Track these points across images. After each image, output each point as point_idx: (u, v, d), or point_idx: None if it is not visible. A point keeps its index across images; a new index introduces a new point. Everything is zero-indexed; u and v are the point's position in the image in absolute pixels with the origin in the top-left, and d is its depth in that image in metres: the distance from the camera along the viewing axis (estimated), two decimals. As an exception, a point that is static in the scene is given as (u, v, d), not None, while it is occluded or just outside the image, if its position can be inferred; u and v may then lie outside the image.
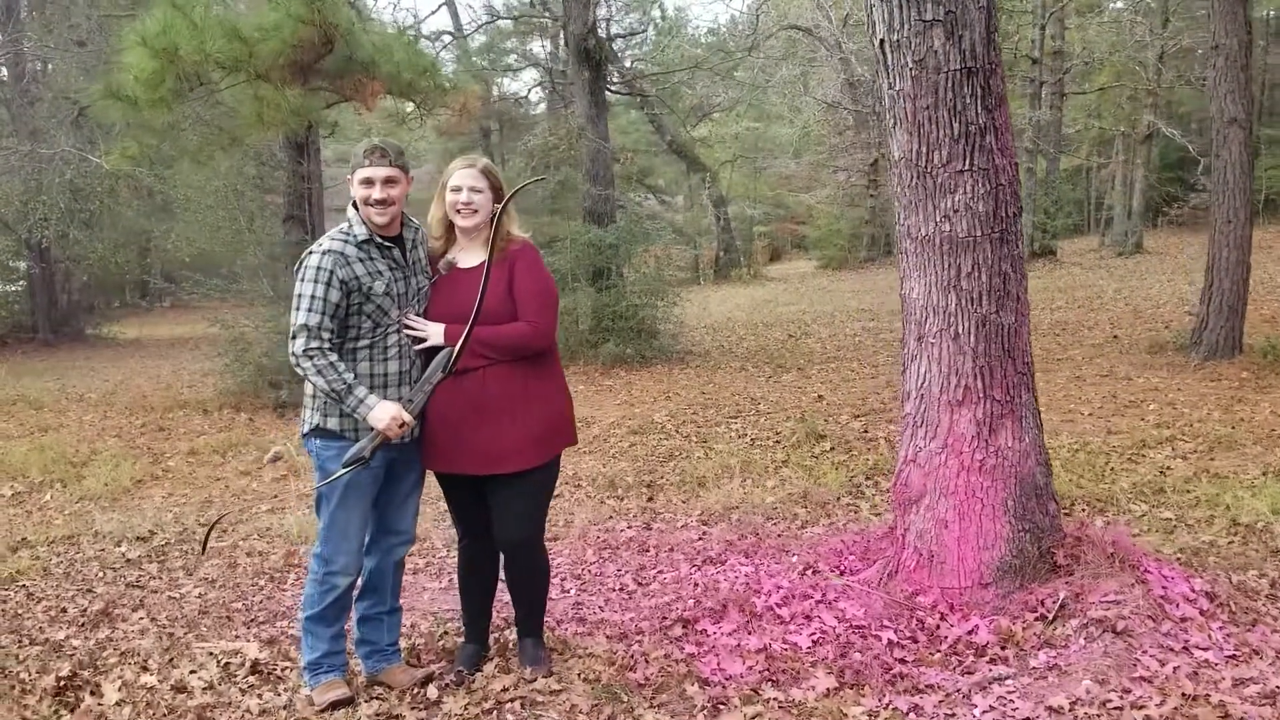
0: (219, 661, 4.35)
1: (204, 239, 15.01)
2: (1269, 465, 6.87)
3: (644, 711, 3.59)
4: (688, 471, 7.99)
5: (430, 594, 5.40)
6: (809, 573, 4.66)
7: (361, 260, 3.70)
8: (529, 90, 30.54)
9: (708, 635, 4.17)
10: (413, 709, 3.78)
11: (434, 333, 3.79)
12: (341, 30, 8.86)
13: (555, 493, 7.81)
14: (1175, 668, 3.58)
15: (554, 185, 15.40)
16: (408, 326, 3.79)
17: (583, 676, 3.91)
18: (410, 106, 10.82)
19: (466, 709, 3.73)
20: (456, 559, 4.18)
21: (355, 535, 3.83)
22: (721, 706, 3.58)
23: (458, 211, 3.80)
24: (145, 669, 4.34)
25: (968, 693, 3.55)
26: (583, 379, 12.79)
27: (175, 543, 6.75)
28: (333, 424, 3.74)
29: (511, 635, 4.39)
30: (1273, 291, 16.26)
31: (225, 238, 13.80)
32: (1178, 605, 3.95)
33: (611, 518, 6.96)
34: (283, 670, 4.26)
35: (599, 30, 16.38)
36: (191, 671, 4.26)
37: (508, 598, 4.19)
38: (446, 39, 22.05)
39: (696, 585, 5.06)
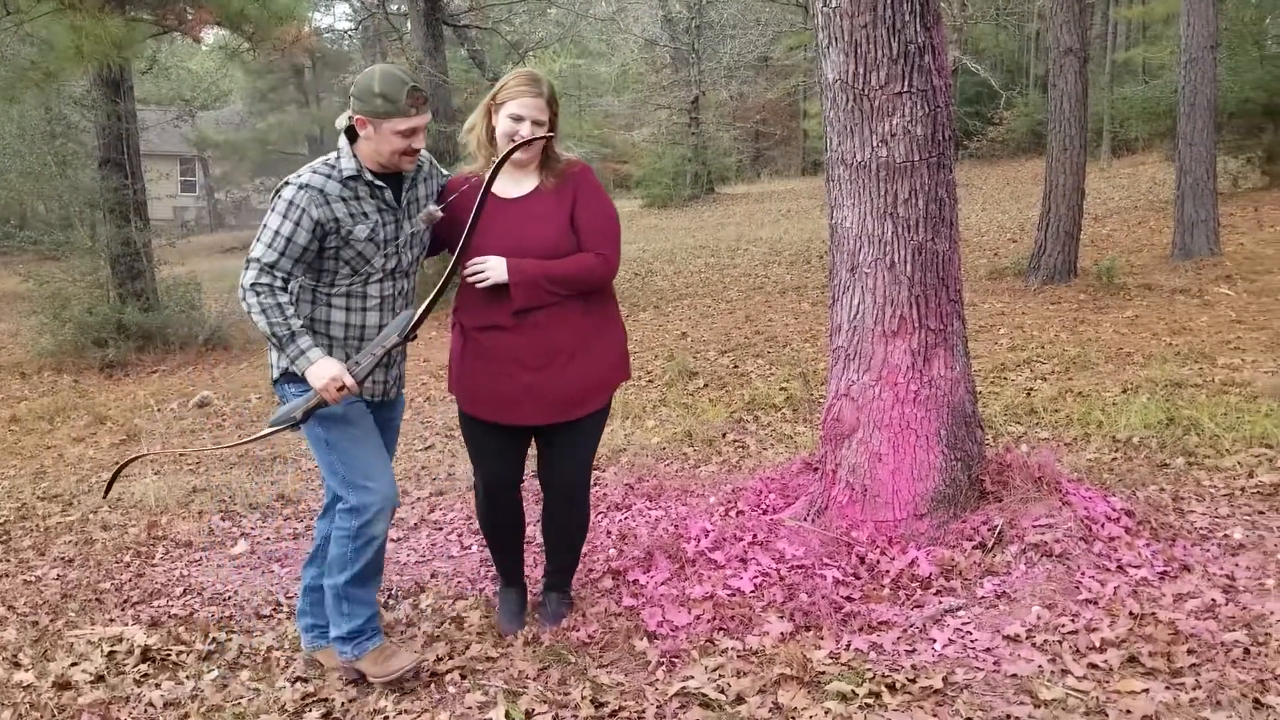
0: (102, 651, 3.93)
1: (4, 186, 13.54)
2: (1126, 382, 7.13)
3: (596, 672, 3.39)
4: (563, 415, 7.77)
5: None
6: (732, 514, 4.53)
7: (344, 199, 3.22)
8: (359, 23, 29.08)
9: (642, 586, 4.00)
10: (341, 691, 3.48)
11: (495, 267, 3.36)
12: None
13: (428, 444, 7.51)
14: (1116, 588, 3.61)
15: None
16: (470, 272, 3.37)
17: (521, 639, 3.68)
18: (239, 40, 10.01)
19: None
20: (479, 509, 3.85)
21: (378, 461, 3.35)
22: (677, 660, 3.41)
23: (514, 143, 3.37)
24: (17, 664, 3.89)
25: (923, 627, 3.49)
26: (440, 320, 12.36)
27: (16, 520, 6.13)
28: None
29: (399, 606, 4.14)
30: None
31: (31, 185, 12.49)
32: (1103, 525, 3.99)
33: (494, 467, 6.70)
34: (178, 655, 3.88)
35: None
36: (73, 664, 3.83)
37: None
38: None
39: (610, 533, 4.88)
